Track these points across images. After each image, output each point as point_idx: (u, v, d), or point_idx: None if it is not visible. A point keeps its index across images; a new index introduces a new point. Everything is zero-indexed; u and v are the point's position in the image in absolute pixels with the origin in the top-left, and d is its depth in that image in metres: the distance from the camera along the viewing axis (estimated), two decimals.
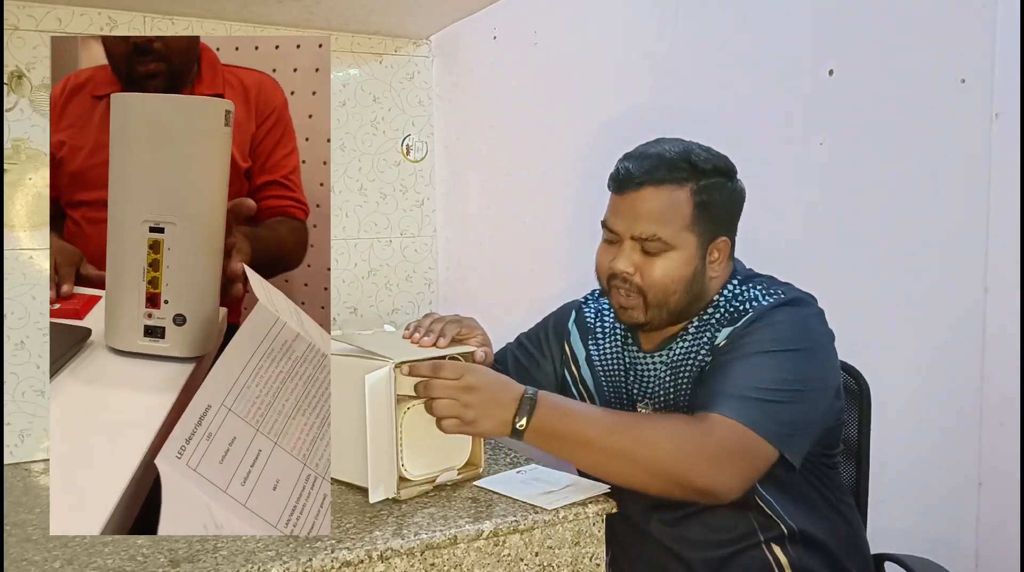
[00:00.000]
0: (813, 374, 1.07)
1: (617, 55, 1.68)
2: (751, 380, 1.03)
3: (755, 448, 1.01)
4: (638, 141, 1.21)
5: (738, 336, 1.09)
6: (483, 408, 0.99)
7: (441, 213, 1.57)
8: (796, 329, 1.09)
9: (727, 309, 1.14)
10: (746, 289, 1.15)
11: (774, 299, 1.11)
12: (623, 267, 1.12)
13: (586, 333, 1.28)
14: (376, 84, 1.51)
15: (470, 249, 1.60)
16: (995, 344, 1.95)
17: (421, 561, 0.92)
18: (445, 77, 1.56)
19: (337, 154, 1.49)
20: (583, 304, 1.33)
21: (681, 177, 1.10)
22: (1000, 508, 1.92)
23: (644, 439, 0.99)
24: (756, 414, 1.01)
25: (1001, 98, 1.93)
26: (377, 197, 1.53)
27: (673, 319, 1.15)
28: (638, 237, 1.11)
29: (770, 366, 1.04)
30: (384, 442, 1.00)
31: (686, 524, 1.12)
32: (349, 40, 1.49)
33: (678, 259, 1.11)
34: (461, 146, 1.58)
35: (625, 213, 1.12)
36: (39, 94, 1.28)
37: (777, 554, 1.10)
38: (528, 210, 1.64)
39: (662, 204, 1.10)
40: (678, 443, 0.98)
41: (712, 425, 1.00)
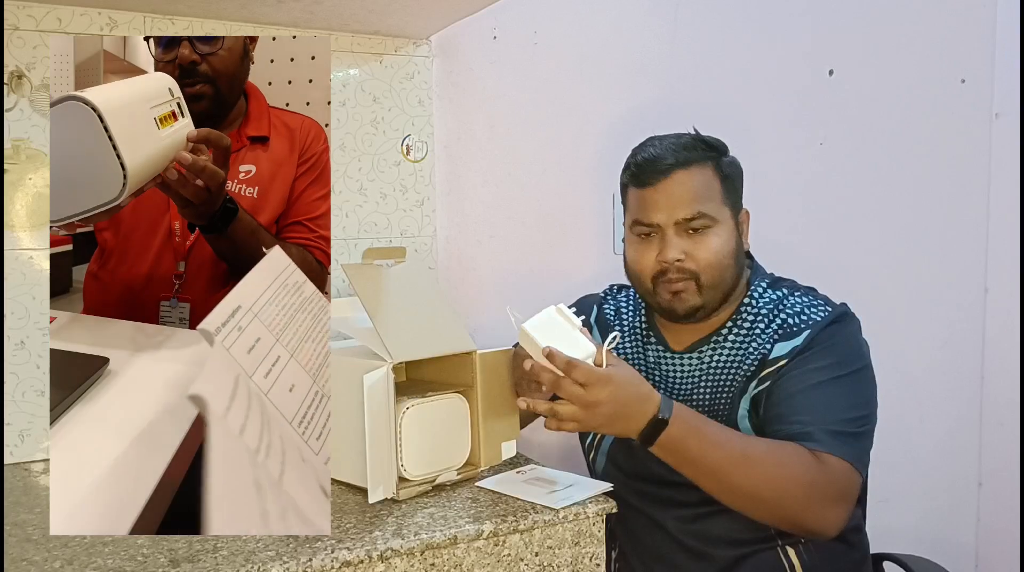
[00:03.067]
0: (872, 391, 1.11)
1: (617, 55, 1.68)
2: (836, 411, 1.05)
3: (856, 484, 1.04)
4: (638, 140, 1.21)
5: (801, 357, 1.09)
6: (608, 421, 0.96)
7: (441, 213, 1.57)
8: (853, 348, 1.12)
9: (770, 318, 1.13)
10: (783, 295, 1.15)
11: (824, 315, 1.12)
12: (674, 255, 1.11)
13: (606, 331, 1.27)
14: (376, 84, 1.51)
15: (470, 249, 1.60)
16: (995, 344, 1.95)
17: (421, 561, 0.92)
18: (445, 77, 1.56)
19: (337, 154, 1.49)
20: (603, 299, 1.32)
21: (703, 156, 1.13)
22: (1000, 508, 1.92)
23: (773, 479, 0.99)
24: (858, 451, 1.05)
25: (1001, 98, 1.92)
26: (377, 197, 1.53)
27: (722, 299, 1.14)
28: (683, 220, 1.10)
29: (846, 393, 1.07)
30: (383, 442, 0.99)
31: (704, 521, 1.12)
32: (349, 40, 1.49)
33: (724, 234, 1.12)
34: (461, 146, 1.58)
35: (661, 202, 1.11)
36: (39, 94, 1.28)
37: (791, 556, 1.10)
38: (528, 210, 1.64)
39: (697, 183, 1.11)
40: (805, 489, 1.00)
41: (832, 469, 1.02)
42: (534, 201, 1.64)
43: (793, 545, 1.10)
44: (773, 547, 1.10)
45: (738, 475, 0.99)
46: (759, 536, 1.10)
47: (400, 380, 1.16)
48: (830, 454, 1.02)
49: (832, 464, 1.02)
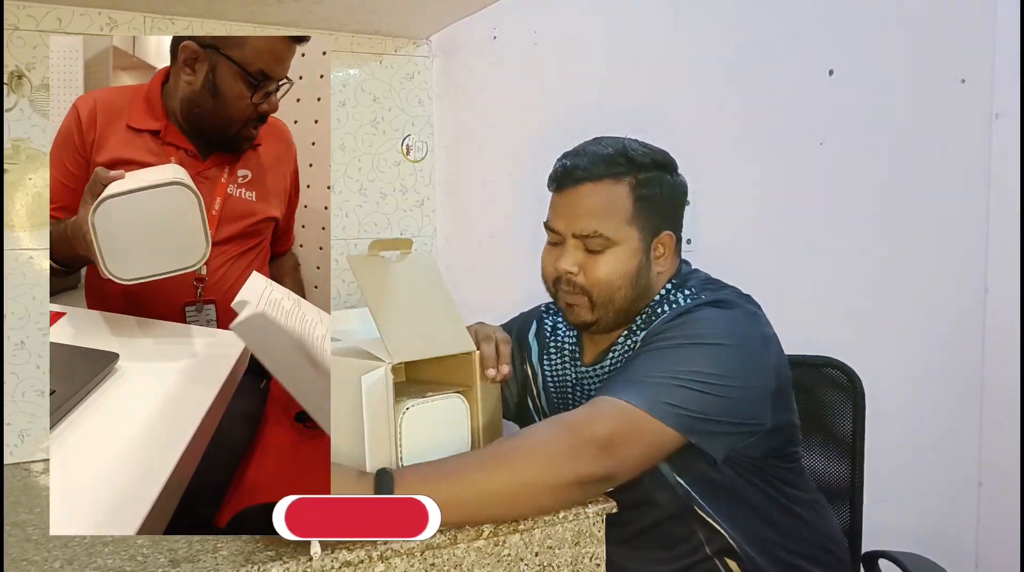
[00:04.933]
0: (735, 371, 1.01)
1: (617, 55, 1.68)
2: (655, 368, 0.99)
3: (650, 431, 0.95)
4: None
5: (652, 334, 1.06)
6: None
7: (441, 213, 1.57)
8: (717, 327, 1.04)
9: (654, 313, 1.11)
10: (674, 293, 1.12)
11: (694, 301, 1.08)
12: (567, 266, 1.10)
13: (543, 349, 1.26)
14: (376, 84, 1.51)
15: (470, 249, 1.60)
16: (995, 344, 1.95)
17: (421, 561, 0.92)
18: (445, 77, 1.56)
19: (337, 154, 1.49)
20: (544, 313, 1.30)
21: (619, 171, 1.09)
22: (1000, 508, 1.92)
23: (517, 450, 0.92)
24: (653, 396, 0.96)
25: (1001, 98, 1.93)
26: (377, 197, 1.53)
27: (621, 318, 1.12)
28: (579, 234, 1.09)
29: (680, 358, 1.00)
30: (382, 442, 0.99)
31: (638, 541, 1.10)
32: (349, 40, 1.49)
33: (621, 255, 1.08)
34: (461, 146, 1.58)
35: (565, 211, 1.11)
36: (39, 94, 1.28)
37: (731, 566, 1.07)
38: (528, 210, 1.64)
39: (601, 199, 1.08)
40: (567, 440, 0.92)
41: (599, 410, 0.95)
42: (534, 201, 1.64)
43: (727, 554, 1.07)
44: (707, 557, 1.07)
45: (488, 477, 0.91)
46: (689, 548, 1.07)
47: (399, 380, 1.16)
48: (605, 397, 0.96)
49: (601, 406, 0.95)
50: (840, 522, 1.30)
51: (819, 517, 1.17)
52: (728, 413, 1.00)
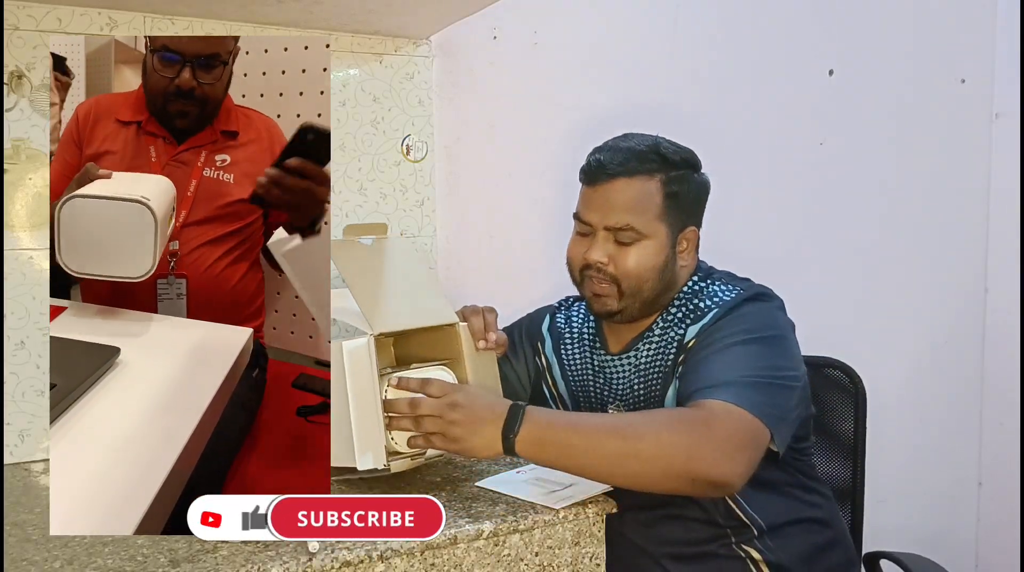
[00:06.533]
0: (787, 361, 1.09)
1: (617, 55, 1.68)
2: (737, 368, 1.03)
3: (756, 433, 1.00)
4: None
5: (708, 332, 1.09)
6: (469, 426, 0.97)
7: (441, 213, 1.57)
8: (765, 319, 1.11)
9: (689, 306, 1.15)
10: (707, 285, 1.17)
11: (736, 294, 1.13)
12: (597, 257, 1.13)
13: (558, 340, 1.28)
14: (376, 84, 1.51)
15: (470, 249, 1.60)
16: (995, 344, 1.95)
17: (421, 561, 0.92)
18: (445, 77, 1.56)
19: (337, 154, 1.49)
20: (557, 309, 1.33)
21: (652, 168, 1.13)
22: (1000, 508, 1.92)
23: (646, 437, 0.96)
24: (755, 397, 1.00)
25: (1001, 98, 1.92)
26: (377, 197, 1.53)
27: (646, 310, 1.16)
28: (612, 227, 1.13)
29: (751, 354, 1.05)
30: (368, 409, 0.99)
31: (661, 525, 1.12)
32: (349, 40, 1.48)
33: (651, 248, 1.13)
34: (461, 146, 1.58)
35: (598, 204, 1.14)
36: (39, 94, 1.28)
37: (750, 551, 1.10)
38: (528, 210, 1.64)
39: (634, 194, 1.12)
40: (681, 435, 0.96)
41: (714, 413, 0.98)
42: (534, 201, 1.64)
43: (747, 543, 1.10)
44: (728, 544, 1.10)
45: (608, 442, 0.96)
46: (712, 534, 1.10)
47: (389, 362, 1.16)
48: (715, 401, 0.99)
49: (715, 409, 0.98)
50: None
51: (831, 508, 1.20)
52: (790, 403, 1.06)
